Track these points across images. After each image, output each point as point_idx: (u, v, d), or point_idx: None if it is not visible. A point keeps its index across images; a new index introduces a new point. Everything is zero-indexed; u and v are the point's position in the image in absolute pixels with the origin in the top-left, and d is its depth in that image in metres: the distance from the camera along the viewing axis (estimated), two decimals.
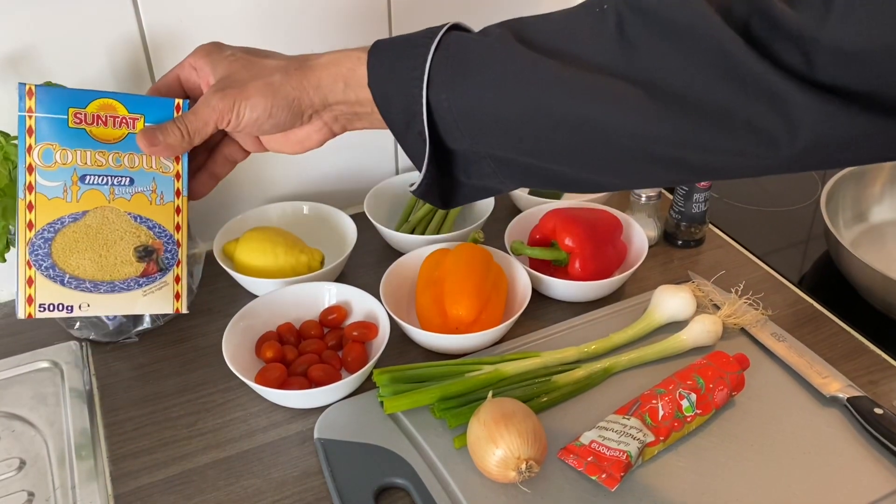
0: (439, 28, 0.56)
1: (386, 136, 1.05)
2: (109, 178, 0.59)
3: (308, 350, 0.80)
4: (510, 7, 1.02)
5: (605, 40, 0.51)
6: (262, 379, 0.76)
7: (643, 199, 0.96)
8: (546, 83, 0.51)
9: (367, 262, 0.96)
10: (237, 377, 0.75)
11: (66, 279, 0.60)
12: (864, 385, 0.78)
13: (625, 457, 0.67)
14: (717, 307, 0.86)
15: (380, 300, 0.82)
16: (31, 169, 0.57)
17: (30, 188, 0.57)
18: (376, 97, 0.56)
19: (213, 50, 0.59)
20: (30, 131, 0.56)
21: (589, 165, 0.55)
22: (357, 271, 0.95)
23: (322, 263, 0.91)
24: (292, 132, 0.61)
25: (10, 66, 0.81)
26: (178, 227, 0.63)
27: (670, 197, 1.02)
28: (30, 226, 0.58)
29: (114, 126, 0.59)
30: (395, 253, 0.95)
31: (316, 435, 0.73)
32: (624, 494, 0.67)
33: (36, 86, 0.56)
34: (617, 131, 0.51)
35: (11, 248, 0.80)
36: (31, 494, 0.71)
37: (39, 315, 0.60)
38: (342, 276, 0.94)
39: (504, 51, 0.53)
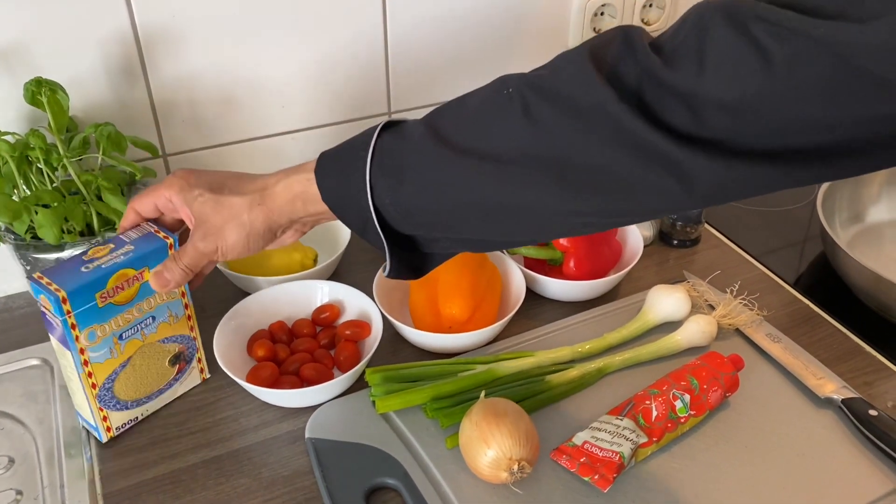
0: (372, 133, 0.61)
1: None
2: (139, 325, 0.71)
3: (300, 349, 0.79)
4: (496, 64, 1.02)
5: (514, 124, 0.54)
6: (253, 378, 0.75)
7: None
8: (471, 182, 0.57)
9: (361, 260, 0.96)
10: (228, 375, 0.75)
11: (129, 404, 0.74)
12: (859, 386, 0.78)
13: (617, 458, 0.66)
14: (713, 307, 0.86)
15: (373, 299, 0.82)
16: (82, 351, 0.68)
17: (85, 363, 0.69)
18: (332, 208, 0.63)
19: (184, 187, 0.67)
20: (73, 327, 0.66)
21: (529, 235, 0.62)
22: (351, 269, 0.95)
23: (315, 261, 0.90)
24: (271, 244, 0.70)
25: (1, 62, 0.80)
26: (191, 328, 0.77)
27: None
28: (93, 386, 0.70)
29: (129, 286, 0.69)
30: None
31: (307, 434, 0.73)
32: (616, 495, 0.66)
33: (67, 292, 0.64)
34: (541, 211, 0.56)
35: (1, 244, 0.80)
36: (19, 493, 0.70)
37: (117, 434, 0.75)
38: (336, 275, 0.93)
39: (428, 155, 0.58)
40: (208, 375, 0.80)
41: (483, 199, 0.57)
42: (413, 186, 0.59)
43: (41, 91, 0.75)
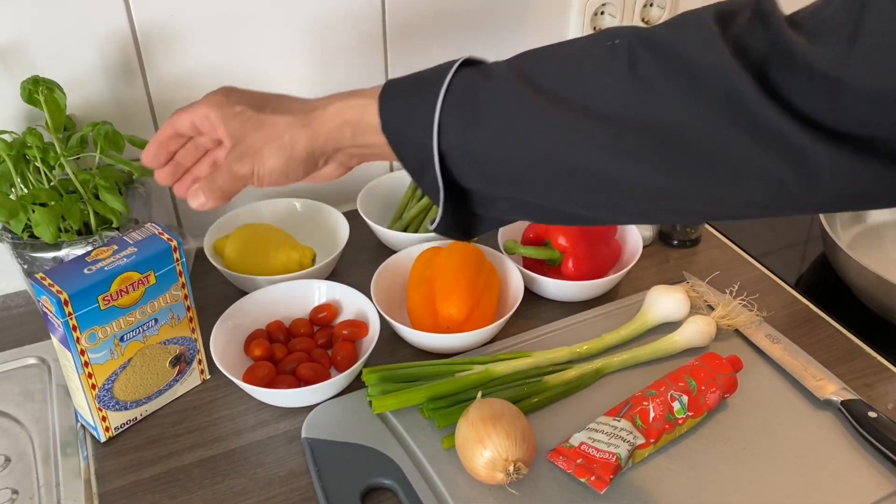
0: (449, 67, 0.56)
1: None
2: (140, 328, 0.71)
3: (297, 348, 0.79)
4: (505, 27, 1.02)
5: (616, 80, 0.49)
6: (250, 377, 0.75)
7: None
8: (555, 136, 0.51)
9: (360, 259, 0.96)
10: (226, 375, 0.74)
11: (128, 405, 0.74)
12: (858, 388, 0.77)
13: (614, 459, 0.66)
14: (712, 308, 0.85)
15: (371, 298, 0.81)
16: (83, 352, 0.68)
17: (85, 364, 0.69)
18: (391, 142, 0.57)
19: (223, 102, 0.61)
20: (74, 328, 0.66)
21: (602, 209, 0.55)
22: (349, 269, 0.94)
23: (313, 261, 0.90)
24: (311, 175, 0.64)
25: None
26: (192, 330, 0.77)
27: None
28: (93, 387, 0.70)
29: (134, 290, 0.69)
30: (388, 251, 0.94)
31: (303, 434, 0.72)
32: (613, 497, 0.66)
33: (70, 294, 0.64)
34: (624, 182, 0.50)
35: None
36: (14, 492, 0.70)
37: (116, 433, 0.74)
38: (334, 274, 0.93)
39: (511, 99, 0.52)
40: (208, 376, 0.80)
41: (563, 155, 0.51)
42: (487, 130, 0.53)
43: (38, 90, 0.75)
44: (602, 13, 1.08)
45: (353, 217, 0.96)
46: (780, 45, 0.44)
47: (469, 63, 0.57)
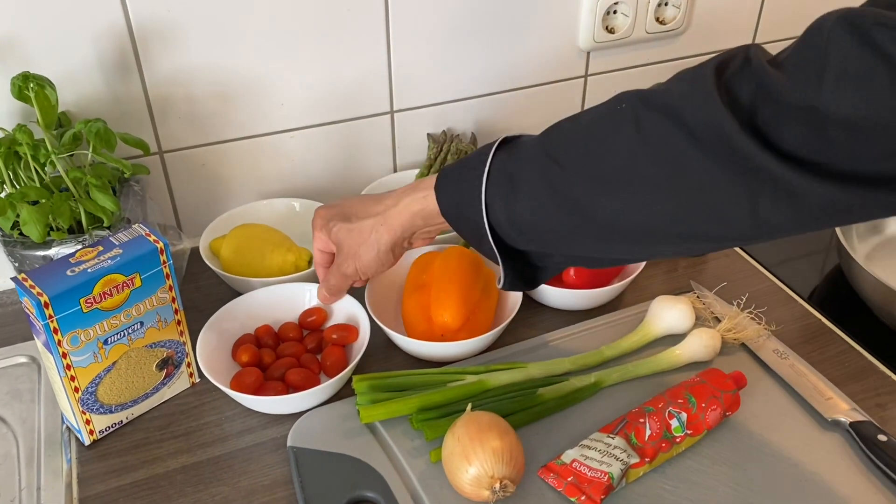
0: (488, 151, 0.63)
1: (384, 134, 1.02)
2: (125, 330, 0.70)
3: (286, 353, 0.77)
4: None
5: (626, 143, 0.54)
6: (237, 384, 0.73)
7: None
8: (582, 206, 0.57)
9: None
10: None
11: (113, 408, 0.73)
12: (870, 408, 0.74)
13: (606, 478, 0.63)
14: (719, 320, 0.82)
15: (364, 303, 0.79)
16: (64, 355, 0.67)
17: (67, 367, 0.67)
18: (450, 222, 0.67)
19: (324, 224, 0.75)
20: (55, 331, 0.65)
21: (639, 255, 0.67)
22: None
23: (310, 263, 0.88)
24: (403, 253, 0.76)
25: None
26: (181, 333, 0.75)
27: None
28: (76, 390, 0.69)
29: (118, 293, 0.68)
30: None
31: (289, 443, 0.71)
32: None
33: (50, 297, 0.63)
34: (649, 231, 0.56)
35: None
36: None
37: (101, 437, 0.73)
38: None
39: (539, 174, 0.59)
40: (198, 380, 0.79)
41: (593, 220, 0.57)
42: (526, 204, 0.60)
43: (28, 86, 0.74)
44: (615, 12, 1.04)
45: None
46: (763, 85, 0.49)
47: (506, 141, 0.64)
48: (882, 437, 0.68)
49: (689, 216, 0.54)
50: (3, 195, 0.76)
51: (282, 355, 0.77)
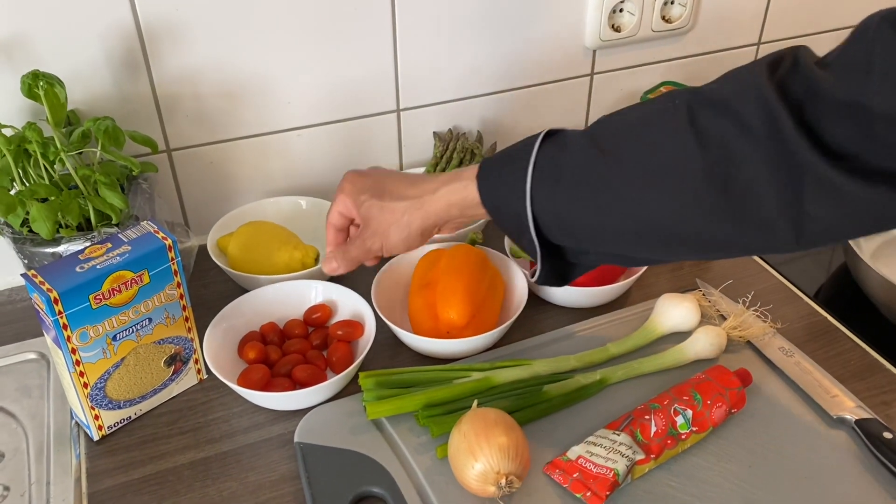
0: (533, 142, 0.63)
1: (390, 133, 1.03)
2: (134, 327, 0.70)
3: (292, 350, 0.78)
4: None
5: (679, 134, 0.54)
6: (244, 381, 0.74)
7: None
8: (630, 201, 0.57)
9: None
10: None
11: (122, 404, 0.73)
12: (875, 406, 0.74)
13: (611, 475, 0.63)
14: (724, 318, 0.82)
15: (370, 300, 0.80)
16: (73, 351, 0.67)
17: (77, 363, 0.68)
18: (491, 213, 0.67)
19: (353, 191, 0.74)
20: (65, 327, 0.65)
21: (686, 255, 0.66)
22: (353, 270, 0.93)
23: (317, 260, 0.89)
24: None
25: (2, 54, 0.80)
26: (189, 330, 0.76)
27: None
28: (85, 385, 0.69)
29: (127, 289, 0.68)
30: None
31: (296, 439, 0.71)
32: None
33: (60, 293, 0.64)
34: (692, 232, 0.56)
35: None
36: (6, 489, 0.70)
37: (109, 432, 0.74)
38: (338, 275, 0.91)
39: (586, 166, 0.59)
40: (205, 376, 0.79)
41: (639, 218, 0.57)
42: (572, 196, 0.60)
43: (37, 84, 0.75)
44: (621, 10, 1.04)
45: None
46: (812, 84, 0.49)
47: (552, 133, 0.64)
48: (887, 435, 0.68)
49: (734, 214, 0.53)
50: (12, 192, 0.77)
51: (288, 352, 0.78)
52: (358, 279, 0.88)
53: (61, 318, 0.65)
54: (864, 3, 1.27)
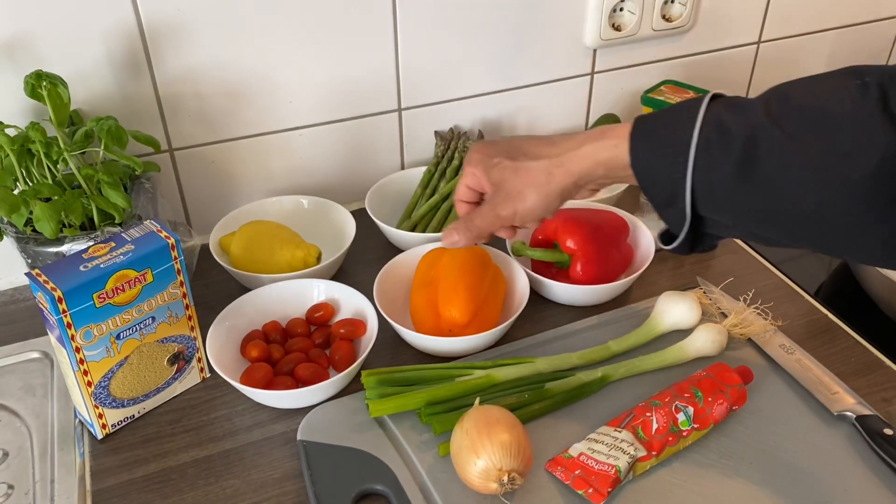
0: (699, 104, 0.57)
1: (391, 132, 1.03)
2: (137, 325, 0.71)
3: (294, 348, 0.78)
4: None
5: (868, 117, 0.50)
6: (247, 379, 0.74)
7: None
8: (805, 183, 0.52)
9: (367, 259, 0.94)
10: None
11: (125, 402, 0.74)
12: (876, 402, 0.74)
13: (613, 471, 0.64)
14: (725, 315, 0.82)
15: (372, 299, 0.80)
16: (77, 350, 0.67)
17: (81, 361, 0.68)
18: (638, 176, 0.61)
19: (482, 159, 0.69)
20: (69, 325, 0.66)
21: (827, 247, 0.58)
22: (356, 268, 0.93)
23: (319, 259, 0.89)
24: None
25: (5, 54, 0.80)
26: (192, 328, 0.76)
27: None
28: (88, 384, 0.70)
29: (130, 288, 0.68)
30: (396, 250, 0.92)
31: (299, 436, 0.71)
32: None
33: (64, 292, 0.64)
34: (860, 229, 0.52)
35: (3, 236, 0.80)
36: (10, 487, 0.70)
37: (113, 431, 0.74)
38: (340, 273, 0.92)
39: (764, 142, 0.53)
40: (208, 374, 0.80)
41: (811, 202, 0.52)
42: (739, 170, 0.54)
43: (41, 84, 0.75)
44: (621, 10, 1.05)
45: (362, 215, 0.94)
46: None
47: (718, 96, 0.58)
48: (888, 431, 0.68)
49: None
50: (16, 192, 0.77)
51: (290, 350, 0.78)
52: (360, 278, 0.88)
53: (65, 316, 0.65)
54: (865, 3, 1.28)
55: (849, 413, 0.71)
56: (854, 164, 0.50)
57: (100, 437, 0.73)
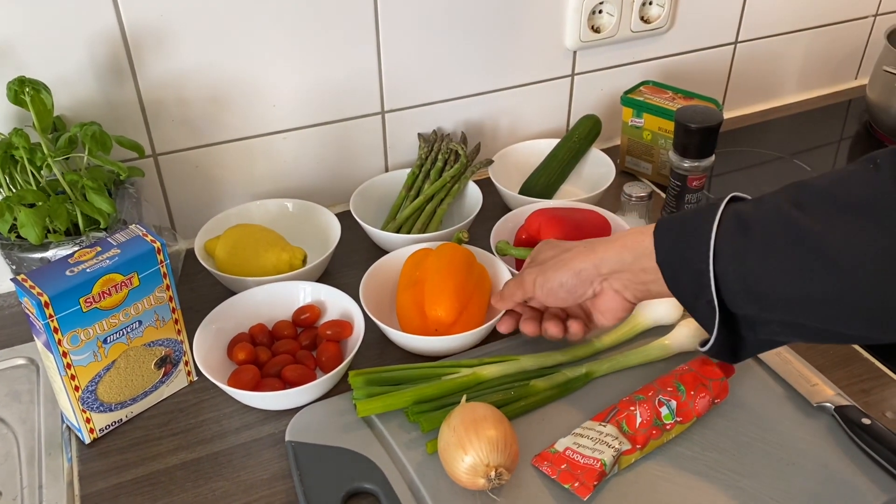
0: (719, 202, 0.60)
1: (375, 135, 1.04)
2: (124, 329, 0.71)
3: (281, 350, 0.79)
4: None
5: (883, 191, 0.52)
6: (234, 381, 0.75)
7: (633, 198, 0.94)
8: (834, 268, 0.52)
9: (353, 261, 0.95)
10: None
11: (113, 406, 0.74)
12: (855, 394, 0.76)
13: (598, 465, 0.65)
14: None
15: (359, 300, 0.81)
16: (64, 354, 0.68)
17: (68, 366, 0.68)
18: (664, 270, 0.62)
19: (528, 277, 0.73)
20: (55, 330, 0.66)
21: (880, 331, 0.55)
22: (342, 270, 0.94)
23: (304, 262, 0.89)
24: (595, 304, 0.71)
25: None
26: (178, 332, 0.76)
27: (663, 196, 0.99)
28: (76, 388, 0.70)
29: (117, 292, 0.69)
30: (381, 252, 0.93)
31: (287, 437, 0.72)
32: (598, 503, 0.65)
33: (50, 296, 0.64)
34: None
35: None
36: None
37: (101, 435, 0.74)
38: (326, 276, 0.93)
39: (784, 230, 0.55)
40: (195, 377, 0.80)
41: (842, 288, 0.52)
42: (762, 253, 0.56)
43: (24, 90, 0.75)
44: (600, 12, 1.06)
45: (346, 218, 0.95)
46: None
47: (737, 198, 0.61)
48: (866, 421, 0.69)
49: None
50: (0, 198, 0.77)
51: (277, 352, 0.79)
52: (346, 279, 0.89)
53: (52, 321, 0.65)
54: (839, 3, 1.30)
55: (828, 404, 0.72)
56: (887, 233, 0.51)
57: (87, 441, 0.73)
